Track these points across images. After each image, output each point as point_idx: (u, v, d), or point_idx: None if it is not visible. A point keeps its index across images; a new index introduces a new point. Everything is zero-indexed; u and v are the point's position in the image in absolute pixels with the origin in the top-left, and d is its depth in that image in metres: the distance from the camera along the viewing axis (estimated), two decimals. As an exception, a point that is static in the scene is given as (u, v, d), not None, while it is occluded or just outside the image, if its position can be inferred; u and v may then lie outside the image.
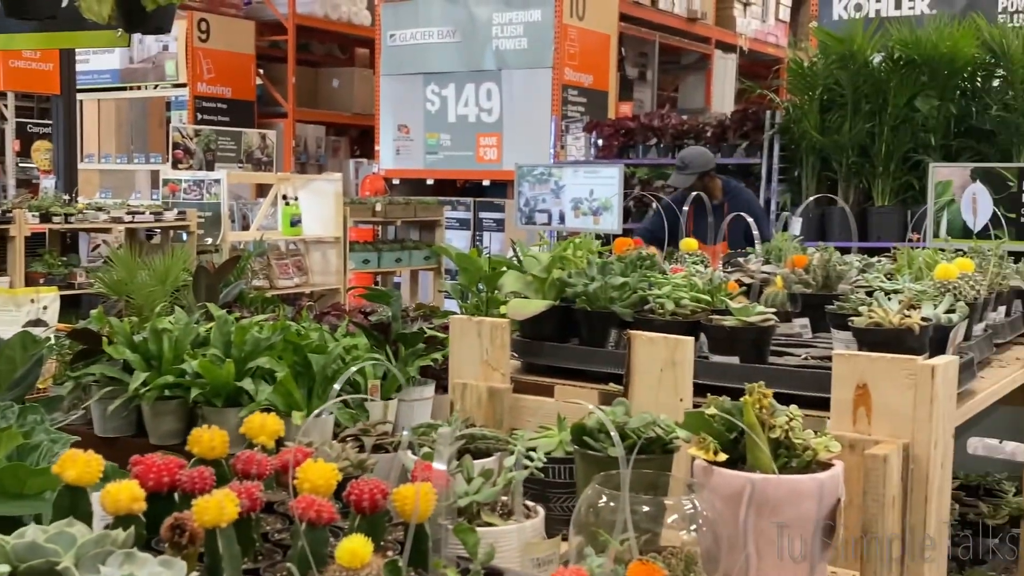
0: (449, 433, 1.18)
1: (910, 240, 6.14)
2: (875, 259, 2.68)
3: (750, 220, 2.83)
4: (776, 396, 1.58)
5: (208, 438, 1.43)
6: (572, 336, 2.00)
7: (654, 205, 5.75)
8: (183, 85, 10.93)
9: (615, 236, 4.04)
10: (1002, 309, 2.34)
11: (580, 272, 1.94)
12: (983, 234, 5.17)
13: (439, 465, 1.19)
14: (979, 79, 7.09)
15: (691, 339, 1.77)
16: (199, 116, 10.79)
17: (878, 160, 7.06)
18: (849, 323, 1.73)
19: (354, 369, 1.88)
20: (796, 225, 7.47)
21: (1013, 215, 5.14)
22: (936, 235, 5.02)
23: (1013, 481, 2.81)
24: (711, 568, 1.36)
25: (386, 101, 10.13)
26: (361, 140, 12.32)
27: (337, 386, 1.63)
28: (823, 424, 1.63)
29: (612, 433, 1.25)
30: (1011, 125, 6.77)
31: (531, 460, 1.50)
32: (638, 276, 1.94)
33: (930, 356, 1.65)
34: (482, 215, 9.54)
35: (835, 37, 7.18)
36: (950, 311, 1.79)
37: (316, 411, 1.68)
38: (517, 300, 1.94)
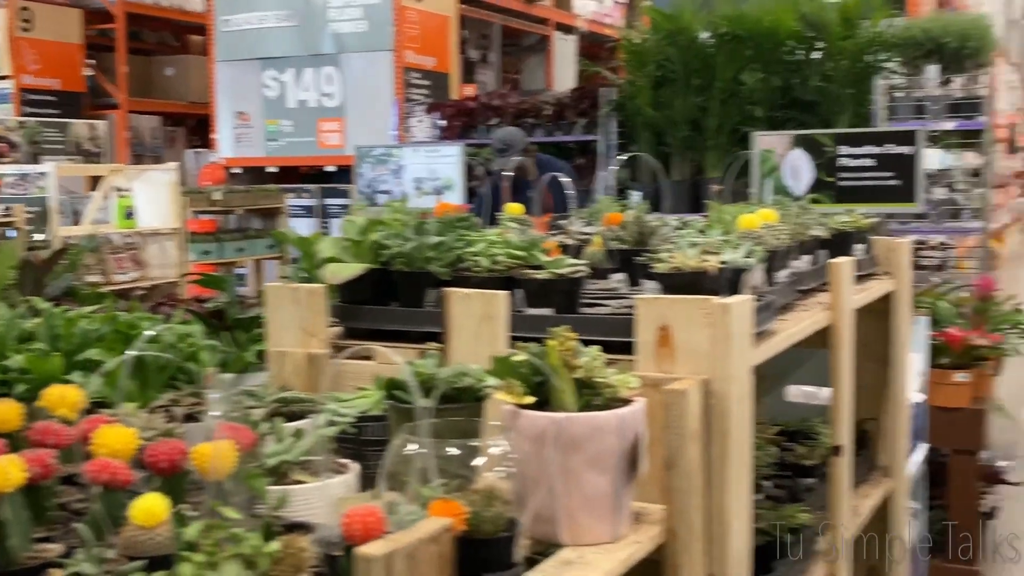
0: (229, 380, 1.17)
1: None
2: (693, 217, 2.77)
3: (565, 183, 2.88)
4: (589, 343, 1.63)
5: (3, 411, 1.38)
6: (392, 299, 2.01)
7: (482, 189, 5.80)
8: (6, 77, 10.41)
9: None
10: (807, 258, 2.46)
11: (397, 234, 1.95)
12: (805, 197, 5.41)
13: (216, 417, 1.18)
14: (800, 52, 7.41)
15: (506, 293, 1.81)
16: (26, 110, 10.30)
17: (709, 133, 7.29)
18: (652, 269, 1.80)
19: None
20: (636, 199, 7.66)
21: (831, 179, 5.40)
22: (762, 200, 5.22)
23: (828, 424, 2.95)
24: (522, 508, 1.39)
25: (222, 88, 9.89)
26: (199, 129, 11.99)
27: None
28: (633, 368, 1.69)
29: (412, 384, 1.27)
30: (831, 95, 7.10)
31: (341, 417, 1.51)
32: (454, 235, 1.96)
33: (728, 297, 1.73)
34: (327, 201, 9.42)
35: (664, 15, 7.37)
36: (748, 256, 1.87)
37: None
38: (333, 264, 1.94)
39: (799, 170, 5.47)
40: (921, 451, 3.37)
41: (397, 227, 1.96)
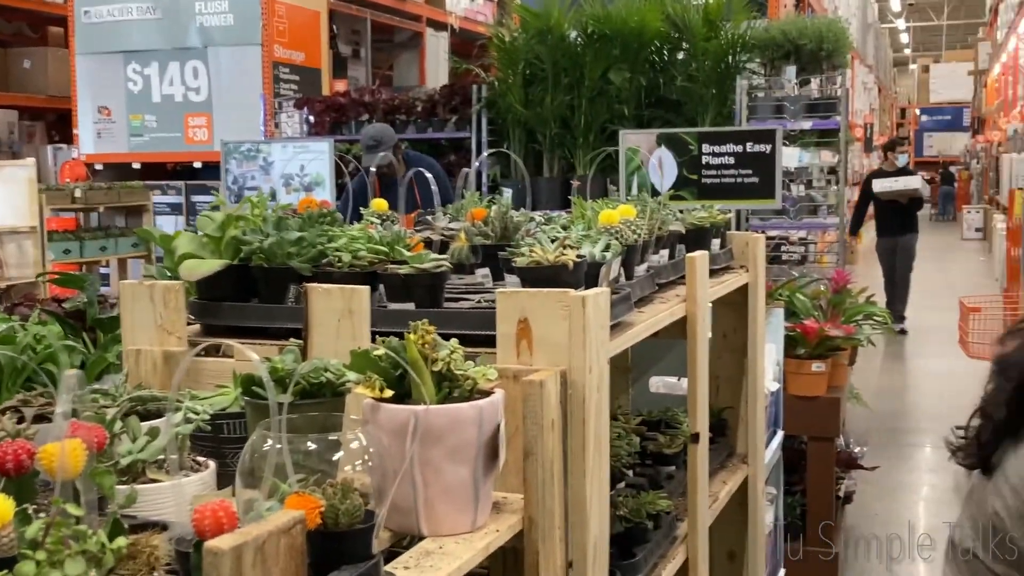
0: (78, 379, 1.15)
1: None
2: (558, 213, 2.82)
3: (431, 180, 2.90)
4: (452, 338, 1.64)
5: None
6: (254, 295, 1.99)
7: (351, 184, 5.76)
8: None
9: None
10: (665, 252, 2.53)
11: (256, 229, 1.94)
12: (670, 195, 5.55)
13: (61, 415, 1.15)
14: (666, 52, 7.59)
15: (367, 288, 1.81)
16: None
17: (578, 131, 7.41)
18: (512, 264, 1.83)
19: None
20: (507, 195, 7.72)
21: (695, 176, 5.54)
22: (629, 196, 5.33)
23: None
24: (381, 500, 1.40)
25: (83, 82, 9.56)
26: (59, 124, 11.55)
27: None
28: (495, 360, 1.72)
29: (265, 379, 1.26)
30: (695, 95, 7.30)
31: (196, 414, 1.49)
32: (316, 231, 1.95)
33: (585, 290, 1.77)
34: (195, 198, 9.21)
35: (533, 13, 7.45)
36: (605, 250, 1.92)
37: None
38: (190, 261, 1.91)
39: (664, 167, 5.60)
40: (778, 438, 3.50)
41: (256, 223, 1.94)
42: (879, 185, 10.56)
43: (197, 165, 9.47)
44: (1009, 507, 1.55)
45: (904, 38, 33.53)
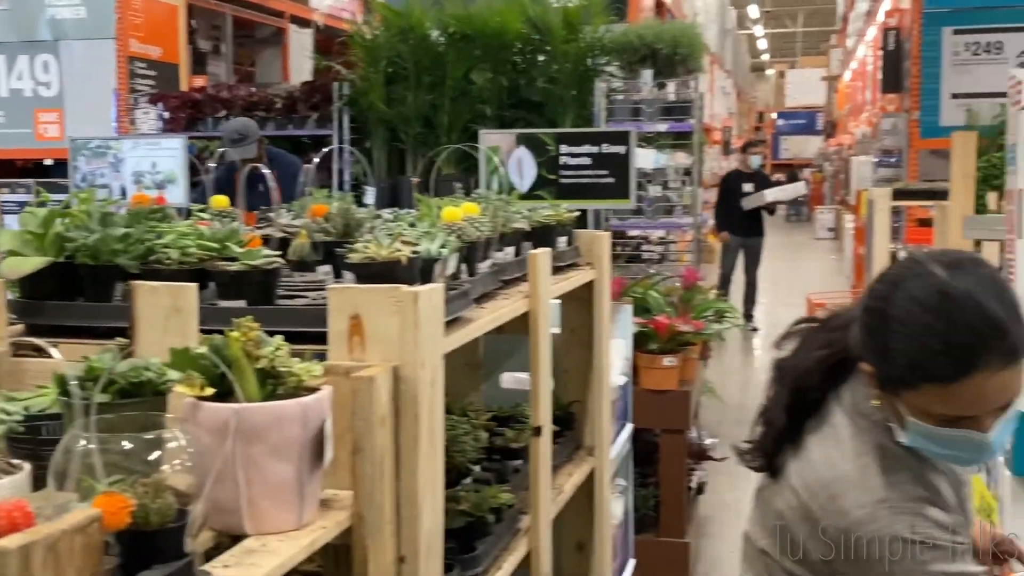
0: None
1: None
2: (407, 211, 2.82)
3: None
4: (285, 335, 1.63)
5: None
6: (80, 294, 1.93)
7: (207, 178, 5.64)
8: None
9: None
10: (511, 250, 2.56)
11: (81, 226, 1.88)
12: (530, 194, 5.62)
13: None
14: (527, 54, 7.66)
15: (195, 285, 1.78)
16: None
17: (441, 131, 7.41)
18: (346, 260, 1.82)
19: None
20: (370, 195, 7.69)
21: (553, 176, 5.62)
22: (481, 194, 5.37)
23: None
24: (199, 499, 1.37)
25: (-77, 74, 9.10)
26: None
27: None
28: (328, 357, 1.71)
29: (71, 378, 1.23)
30: (555, 96, 7.38)
31: (8, 415, 1.44)
32: (144, 227, 1.91)
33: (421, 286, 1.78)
34: (45, 196, 8.84)
35: (395, 11, 7.43)
36: (443, 247, 1.93)
37: None
38: (12, 259, 1.84)
39: (523, 167, 5.66)
40: (627, 431, 3.58)
41: (82, 219, 1.88)
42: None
43: (48, 162, 9.12)
44: (792, 508, 1.59)
45: (762, 44, 34.67)
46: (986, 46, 8.65)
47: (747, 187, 10.96)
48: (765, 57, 37.30)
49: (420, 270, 1.82)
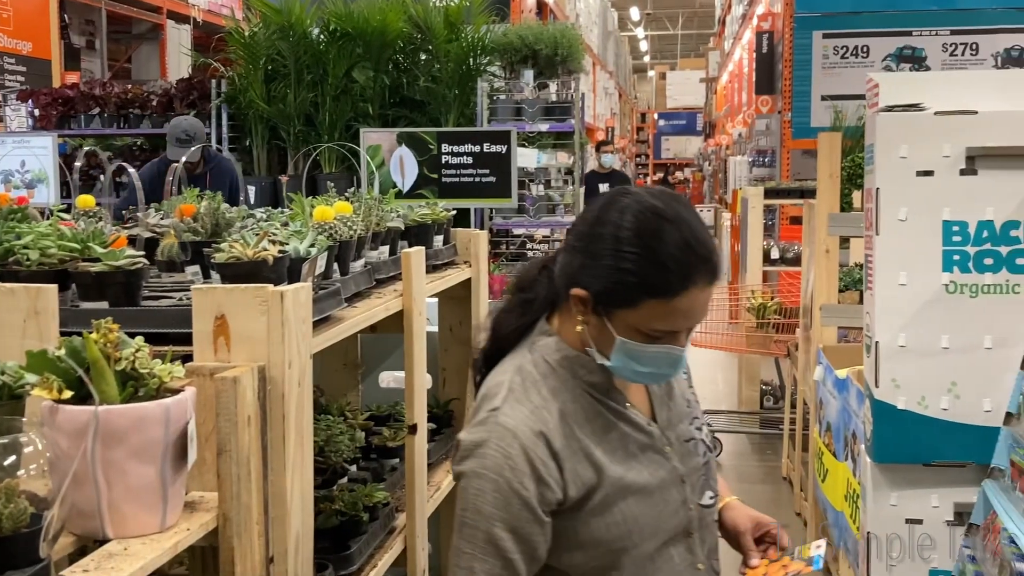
0: None
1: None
2: (279, 210, 2.80)
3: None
4: (150, 336, 1.61)
5: None
6: (-66, 297, 1.86)
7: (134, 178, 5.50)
8: None
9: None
10: (386, 249, 2.57)
11: (-67, 227, 1.82)
12: (412, 193, 5.62)
13: None
14: (409, 53, 7.66)
15: (54, 287, 1.74)
16: None
17: (323, 129, 7.36)
18: (212, 260, 1.81)
19: None
20: (250, 193, 7.53)
21: (435, 175, 5.64)
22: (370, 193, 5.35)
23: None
24: (61, 505, 1.35)
25: None
26: None
27: None
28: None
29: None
30: (438, 95, 7.40)
31: None
32: (3, 227, 1.86)
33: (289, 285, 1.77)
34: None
35: (274, 8, 7.34)
36: (312, 246, 1.93)
37: None
38: None
39: (405, 166, 5.67)
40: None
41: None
42: None
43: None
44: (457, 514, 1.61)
45: (643, 46, 35.26)
46: (854, 50, 8.99)
47: (603, 187, 10.78)
48: (647, 59, 37.95)
49: (288, 269, 1.82)
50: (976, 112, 3.23)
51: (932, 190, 3.24)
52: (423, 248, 2.50)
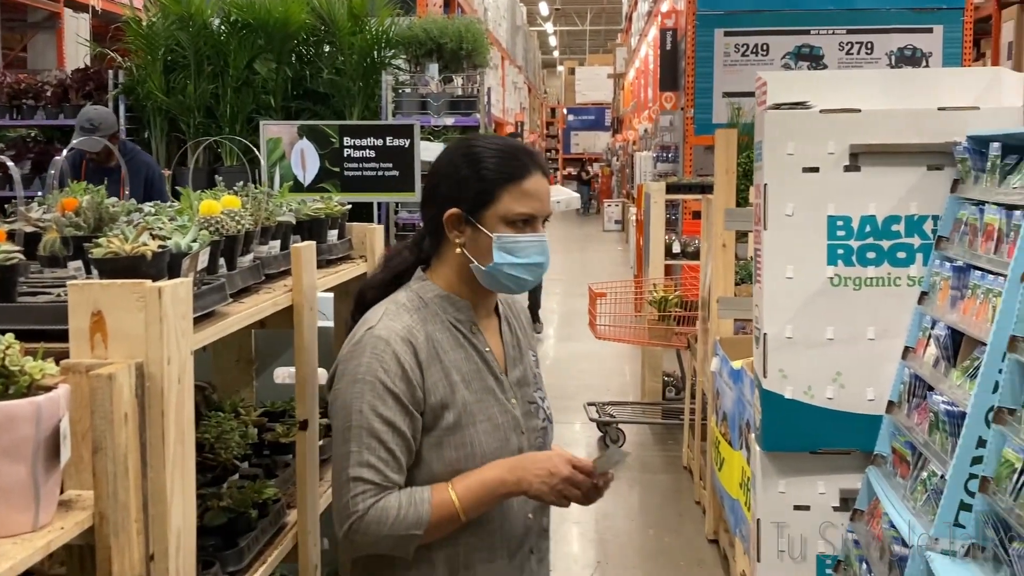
0: None
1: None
2: (168, 204, 2.76)
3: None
4: (27, 333, 1.58)
5: None
6: None
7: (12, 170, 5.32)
8: None
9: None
10: (277, 243, 2.55)
11: None
12: (313, 186, 5.58)
13: None
14: (313, 45, 7.58)
15: (-76, 284, 1.69)
16: None
17: (224, 121, 7.25)
18: (89, 255, 1.78)
19: None
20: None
21: (338, 169, 5.60)
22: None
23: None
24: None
25: None
26: None
27: None
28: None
29: None
30: (342, 88, 7.35)
31: None
32: None
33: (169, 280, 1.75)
34: None
35: (173, -2, 7.20)
36: (194, 240, 1.91)
37: None
38: None
39: (306, 160, 5.62)
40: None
41: None
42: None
43: None
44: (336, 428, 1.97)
45: (552, 41, 35.47)
46: (754, 48, 9.18)
47: None
48: (556, 54, 38.17)
49: (168, 265, 1.80)
50: (860, 110, 3.34)
51: (817, 186, 3.34)
52: (314, 243, 2.49)
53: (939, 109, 3.29)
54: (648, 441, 7.00)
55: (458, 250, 1.97)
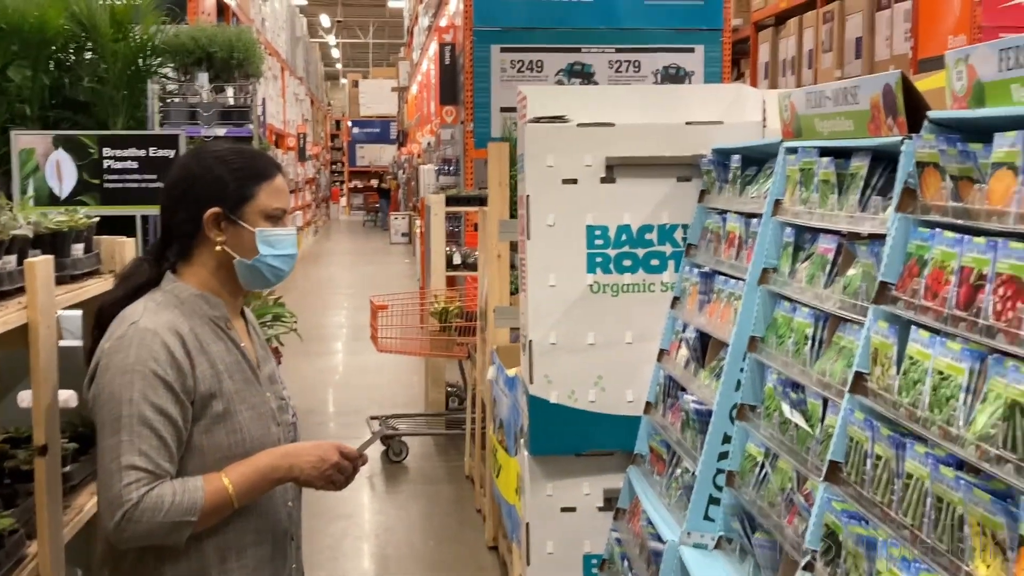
0: None
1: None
2: None
3: None
4: None
5: None
6: None
7: None
8: None
9: None
10: (12, 258, 2.40)
11: None
12: (71, 199, 5.30)
13: None
14: (72, 51, 7.19)
15: None
16: None
17: (-26, 130, 6.76)
18: None
19: None
20: None
21: (97, 181, 5.35)
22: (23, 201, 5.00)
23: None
24: None
25: None
26: None
27: None
28: None
29: None
30: (105, 97, 7.00)
31: None
32: None
33: None
34: None
35: (-87, -3, 6.67)
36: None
37: None
38: None
39: (63, 171, 5.34)
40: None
41: None
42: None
43: None
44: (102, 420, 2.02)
45: (335, 53, 35.13)
46: (529, 64, 9.41)
47: None
48: (339, 66, 37.84)
49: None
50: (614, 124, 3.47)
51: (576, 197, 3.46)
52: (52, 257, 2.36)
53: (687, 124, 3.47)
54: (431, 452, 7.02)
55: (218, 248, 2.06)
